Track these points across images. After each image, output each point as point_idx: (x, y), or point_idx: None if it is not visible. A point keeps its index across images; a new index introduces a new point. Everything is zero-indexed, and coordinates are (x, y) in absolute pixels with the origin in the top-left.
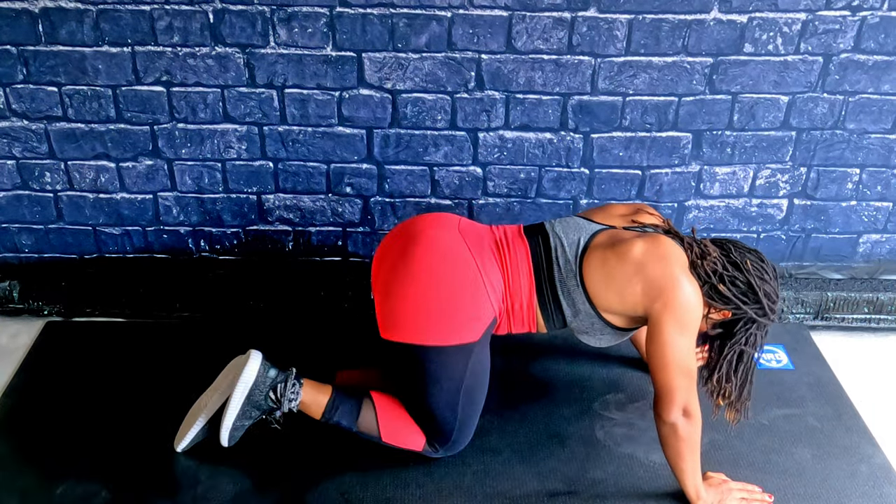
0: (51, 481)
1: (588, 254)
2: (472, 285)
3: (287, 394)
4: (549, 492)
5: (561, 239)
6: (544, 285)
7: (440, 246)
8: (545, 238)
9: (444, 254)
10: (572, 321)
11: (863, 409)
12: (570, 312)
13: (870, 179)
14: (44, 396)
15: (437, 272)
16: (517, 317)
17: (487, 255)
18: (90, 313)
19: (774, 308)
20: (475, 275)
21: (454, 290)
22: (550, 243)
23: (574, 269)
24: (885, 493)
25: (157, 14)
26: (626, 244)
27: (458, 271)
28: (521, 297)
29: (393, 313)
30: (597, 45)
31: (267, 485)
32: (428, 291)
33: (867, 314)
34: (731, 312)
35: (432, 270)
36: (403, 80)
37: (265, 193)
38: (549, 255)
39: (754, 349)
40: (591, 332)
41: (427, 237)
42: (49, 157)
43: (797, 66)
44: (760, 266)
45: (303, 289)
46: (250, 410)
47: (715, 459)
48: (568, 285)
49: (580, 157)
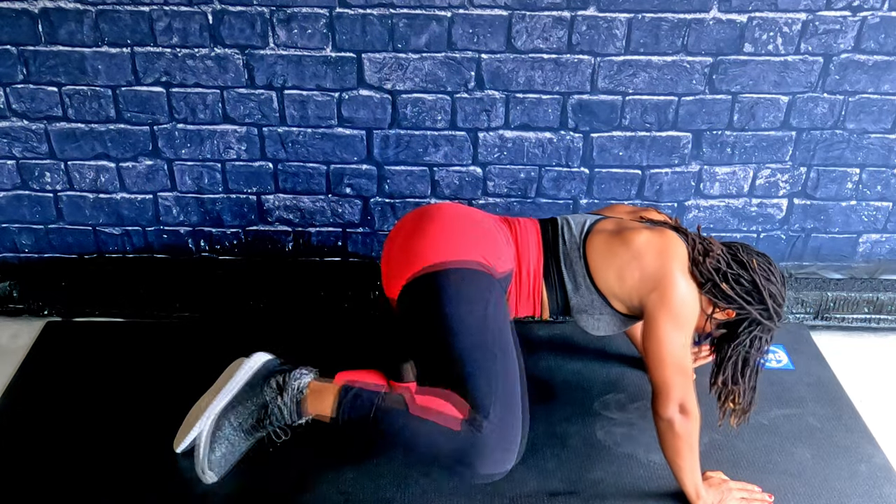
0: (51, 481)
1: (593, 234)
2: (492, 232)
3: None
4: (549, 492)
5: (568, 220)
6: (549, 258)
7: (457, 209)
8: (554, 221)
9: (462, 213)
10: (573, 297)
11: (863, 409)
12: (572, 287)
13: (870, 179)
14: (44, 396)
15: (456, 219)
16: (524, 287)
17: (500, 225)
18: (90, 313)
19: (780, 312)
20: (493, 228)
21: (474, 228)
22: (558, 223)
23: (578, 243)
24: (885, 493)
25: (156, 15)
26: (631, 231)
27: (476, 222)
28: (528, 265)
29: (410, 254)
30: (596, 45)
31: (267, 485)
32: (447, 228)
33: (867, 314)
34: (734, 312)
35: (452, 217)
36: (403, 80)
37: (265, 194)
38: (556, 231)
39: (759, 353)
40: (591, 310)
41: (443, 207)
42: (49, 157)
43: (797, 66)
44: (767, 268)
45: (303, 289)
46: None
47: (715, 459)
48: (571, 257)
49: (580, 156)
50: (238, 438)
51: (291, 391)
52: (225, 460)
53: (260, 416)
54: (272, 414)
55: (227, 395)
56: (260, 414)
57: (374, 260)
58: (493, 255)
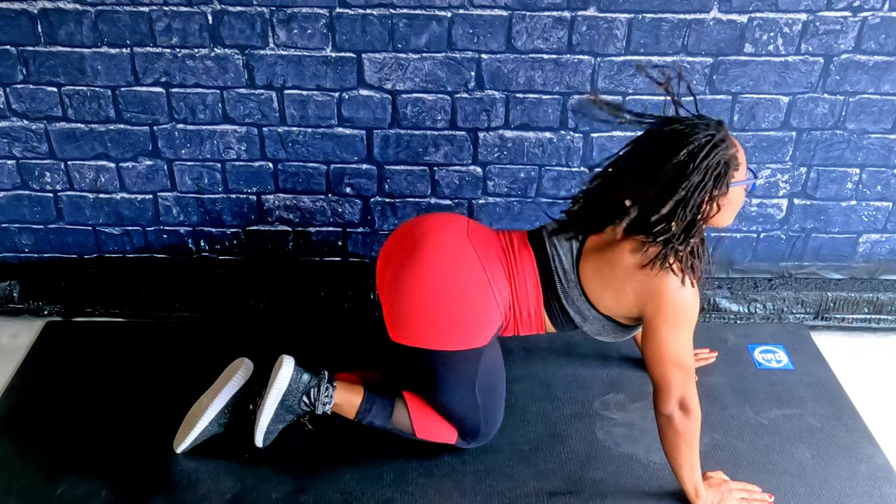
0: (51, 481)
1: (583, 263)
2: (481, 292)
3: (321, 397)
4: (549, 492)
5: (558, 250)
6: (550, 298)
7: (448, 249)
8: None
9: (453, 258)
10: (583, 325)
11: (863, 409)
12: (579, 319)
13: (870, 179)
14: (44, 396)
15: (445, 277)
16: (525, 323)
17: (495, 263)
18: (90, 313)
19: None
20: (484, 282)
21: (463, 296)
22: (549, 257)
23: (574, 279)
24: (885, 493)
25: (155, 15)
26: (615, 251)
27: (466, 277)
28: (528, 307)
29: (401, 316)
30: (596, 45)
31: (267, 485)
32: (436, 296)
33: (867, 314)
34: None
35: (441, 275)
36: (403, 80)
37: (265, 194)
38: (550, 269)
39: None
40: (605, 332)
41: (435, 240)
42: (49, 157)
43: (798, 67)
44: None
45: (303, 289)
46: (283, 414)
47: (715, 459)
48: (571, 295)
49: (580, 156)
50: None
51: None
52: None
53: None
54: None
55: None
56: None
57: (374, 260)
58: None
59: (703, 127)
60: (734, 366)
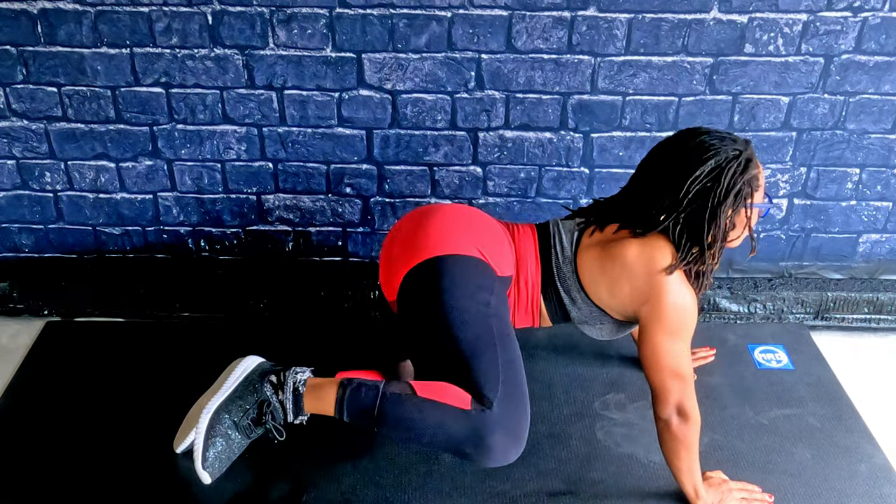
0: (51, 481)
1: (582, 249)
2: (494, 231)
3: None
4: (549, 492)
5: (560, 230)
6: (546, 270)
7: (459, 208)
8: (547, 230)
9: (464, 211)
10: (572, 310)
11: (863, 409)
12: (569, 301)
13: (870, 179)
14: (44, 396)
15: (458, 217)
16: (523, 298)
17: (501, 226)
18: (90, 313)
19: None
20: (496, 225)
21: (476, 226)
22: (551, 232)
23: (570, 257)
24: (885, 493)
25: (155, 15)
26: (619, 246)
27: (480, 219)
28: (528, 274)
29: (411, 247)
30: (596, 45)
31: (267, 485)
32: (448, 224)
33: (867, 314)
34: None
35: (453, 215)
36: (403, 80)
37: (265, 194)
38: (549, 243)
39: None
40: (591, 321)
41: (444, 205)
42: (49, 157)
43: (798, 67)
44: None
45: (303, 289)
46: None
47: (715, 459)
48: (564, 272)
49: (580, 156)
50: (235, 437)
51: (290, 386)
52: (220, 460)
53: (259, 412)
54: (272, 410)
55: (225, 394)
56: (259, 410)
57: (374, 260)
58: (494, 253)
59: (730, 142)
60: (734, 366)
